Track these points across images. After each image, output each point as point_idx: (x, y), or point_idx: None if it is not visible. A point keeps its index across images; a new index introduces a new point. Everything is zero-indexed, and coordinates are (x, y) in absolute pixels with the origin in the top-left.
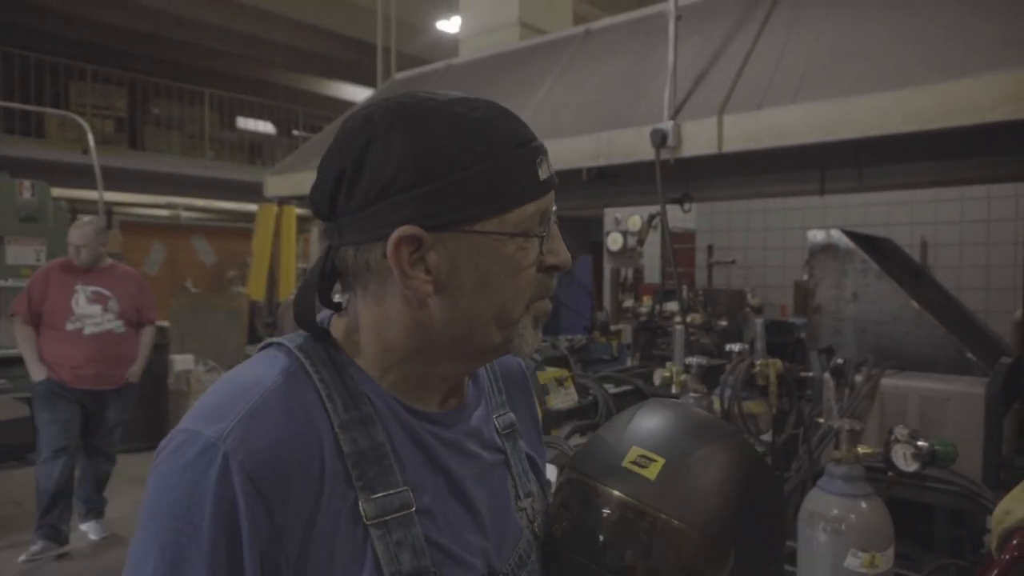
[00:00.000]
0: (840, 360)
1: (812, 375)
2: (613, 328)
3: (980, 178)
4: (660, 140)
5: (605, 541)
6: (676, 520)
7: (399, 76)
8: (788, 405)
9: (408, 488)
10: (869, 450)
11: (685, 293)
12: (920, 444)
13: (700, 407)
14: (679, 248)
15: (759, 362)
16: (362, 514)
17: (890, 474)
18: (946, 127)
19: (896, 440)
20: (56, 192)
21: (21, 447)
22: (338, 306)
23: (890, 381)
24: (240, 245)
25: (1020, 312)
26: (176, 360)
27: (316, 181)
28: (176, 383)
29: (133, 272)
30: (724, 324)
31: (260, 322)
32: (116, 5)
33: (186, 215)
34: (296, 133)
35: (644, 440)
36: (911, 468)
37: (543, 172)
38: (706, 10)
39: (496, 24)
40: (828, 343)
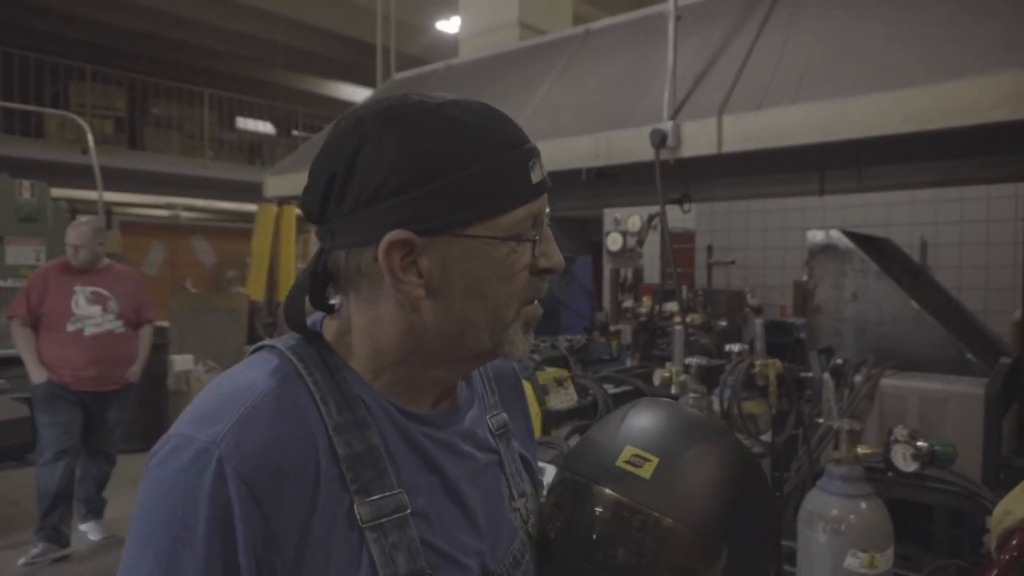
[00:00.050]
0: (840, 360)
1: (812, 375)
2: (613, 328)
3: (980, 178)
4: (660, 140)
5: (599, 540)
6: (670, 519)
7: (399, 76)
8: (788, 405)
9: (403, 490)
10: (869, 450)
11: (685, 293)
12: (919, 444)
13: (699, 407)
14: (678, 248)
15: (759, 362)
16: (357, 517)
17: (890, 474)
18: (946, 127)
19: (896, 440)
20: (56, 192)
21: (20, 447)
22: (332, 308)
23: (890, 381)
24: (240, 245)
25: (1019, 312)
26: (175, 360)
27: (307, 183)
28: (176, 383)
29: (131, 272)
30: (724, 324)
31: (260, 322)
32: (116, 5)
33: (186, 215)
34: (296, 133)
35: (638, 439)
36: (910, 468)
37: (536, 175)
38: (706, 10)
39: (496, 24)
40: (828, 343)
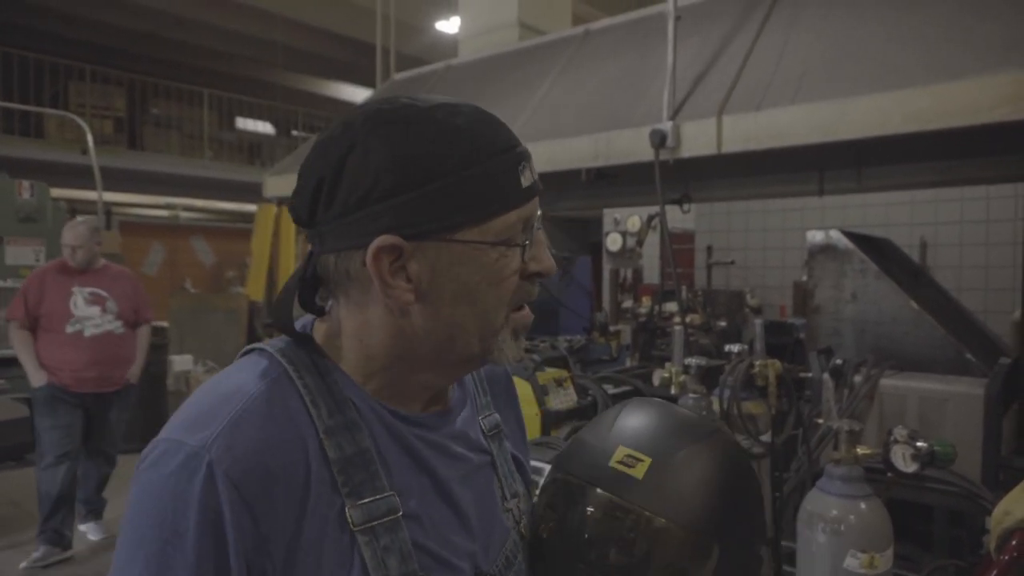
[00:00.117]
0: (839, 361)
1: (811, 376)
2: (612, 329)
3: (979, 178)
4: (659, 141)
5: (592, 540)
6: (663, 518)
7: (398, 76)
8: (787, 406)
9: (394, 493)
10: (868, 451)
11: (684, 294)
12: (919, 445)
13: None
14: (678, 249)
15: (758, 363)
16: (349, 520)
17: (889, 475)
18: (945, 127)
19: (895, 441)
20: (55, 192)
21: (19, 447)
22: (322, 310)
23: (889, 382)
24: (239, 245)
25: (1019, 313)
26: (175, 361)
27: (296, 187)
28: (175, 384)
29: (127, 272)
30: (723, 325)
31: (259, 323)
32: (116, 5)
33: (185, 215)
34: (295, 133)
35: (630, 440)
36: (910, 469)
37: (526, 179)
38: (705, 11)
39: (495, 25)
40: (827, 344)
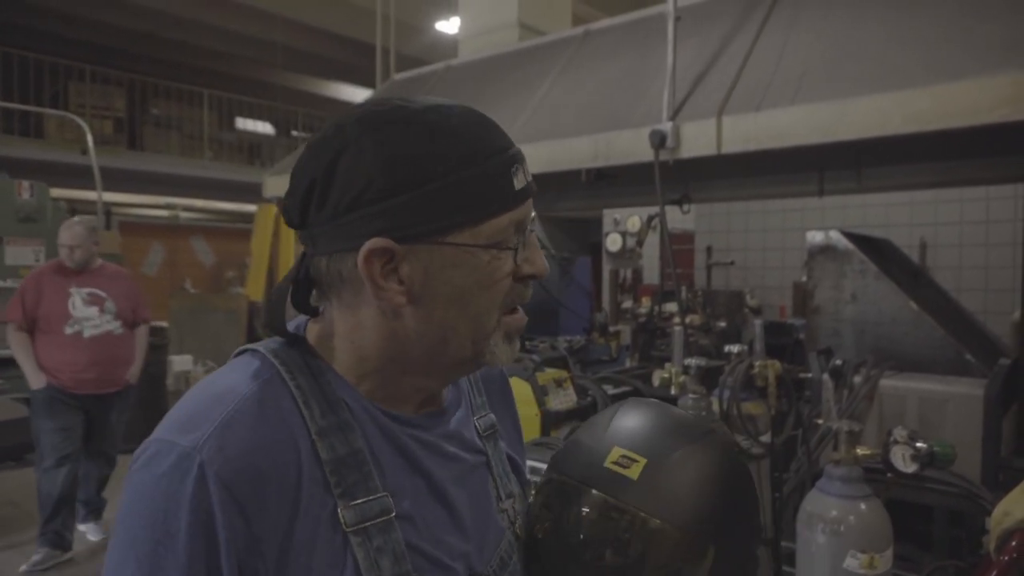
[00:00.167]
0: (839, 361)
1: (811, 376)
2: (612, 329)
3: (979, 179)
4: (659, 141)
5: (587, 541)
6: (657, 519)
7: (398, 77)
8: (787, 406)
9: (387, 494)
10: (868, 451)
11: (684, 294)
12: (919, 445)
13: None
14: (678, 249)
15: (758, 363)
16: (341, 521)
17: (889, 475)
18: (945, 128)
19: (895, 441)
20: (55, 193)
21: (19, 448)
22: (316, 311)
23: (889, 382)
24: (239, 246)
25: (1019, 313)
26: (175, 361)
27: (288, 189)
28: (175, 384)
29: (124, 272)
30: (723, 325)
31: (259, 323)
32: (116, 5)
33: (185, 216)
34: (295, 134)
35: (625, 440)
36: (910, 469)
37: (519, 181)
38: (705, 11)
39: (495, 25)
40: (827, 344)
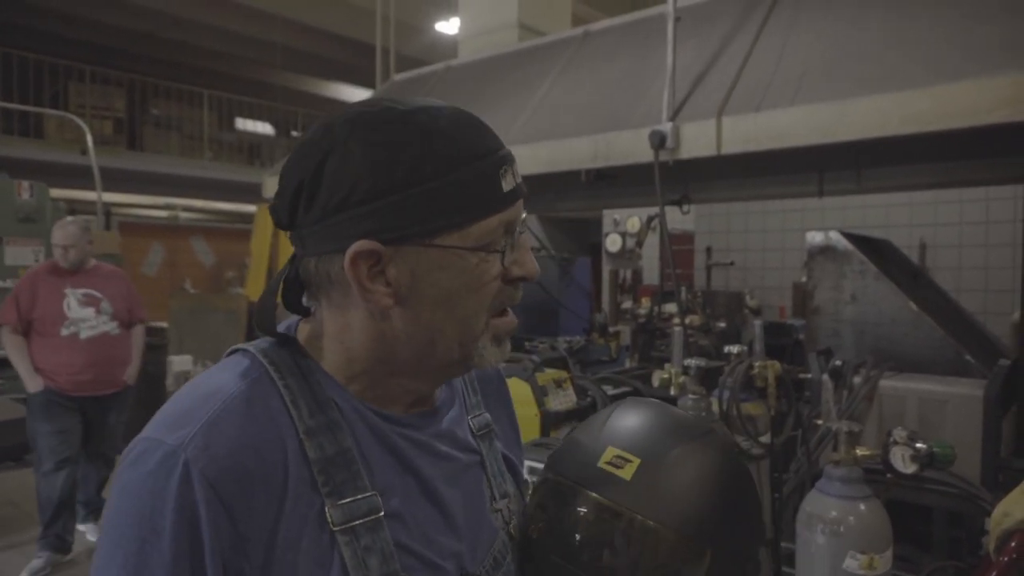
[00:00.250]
0: (839, 362)
1: (811, 377)
2: (612, 329)
3: (979, 180)
4: (659, 142)
5: (581, 542)
6: (652, 520)
7: (398, 77)
8: (787, 407)
9: (376, 493)
10: (868, 452)
11: (684, 295)
12: (918, 446)
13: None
14: (678, 250)
15: (758, 364)
16: (328, 520)
17: (888, 476)
18: (945, 129)
19: (894, 442)
20: (55, 193)
21: (18, 448)
22: (307, 311)
23: (888, 383)
24: (239, 246)
25: (1018, 314)
26: (174, 361)
27: (277, 190)
28: (175, 384)
29: (119, 271)
30: (723, 326)
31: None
32: (115, 5)
33: (185, 216)
34: (295, 134)
35: (620, 440)
36: (909, 470)
37: (508, 183)
38: (705, 12)
39: (495, 25)
40: (827, 345)
